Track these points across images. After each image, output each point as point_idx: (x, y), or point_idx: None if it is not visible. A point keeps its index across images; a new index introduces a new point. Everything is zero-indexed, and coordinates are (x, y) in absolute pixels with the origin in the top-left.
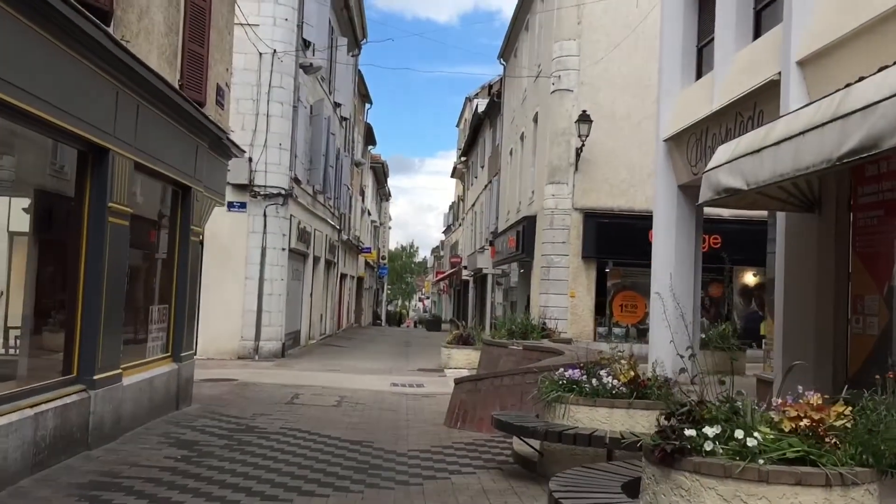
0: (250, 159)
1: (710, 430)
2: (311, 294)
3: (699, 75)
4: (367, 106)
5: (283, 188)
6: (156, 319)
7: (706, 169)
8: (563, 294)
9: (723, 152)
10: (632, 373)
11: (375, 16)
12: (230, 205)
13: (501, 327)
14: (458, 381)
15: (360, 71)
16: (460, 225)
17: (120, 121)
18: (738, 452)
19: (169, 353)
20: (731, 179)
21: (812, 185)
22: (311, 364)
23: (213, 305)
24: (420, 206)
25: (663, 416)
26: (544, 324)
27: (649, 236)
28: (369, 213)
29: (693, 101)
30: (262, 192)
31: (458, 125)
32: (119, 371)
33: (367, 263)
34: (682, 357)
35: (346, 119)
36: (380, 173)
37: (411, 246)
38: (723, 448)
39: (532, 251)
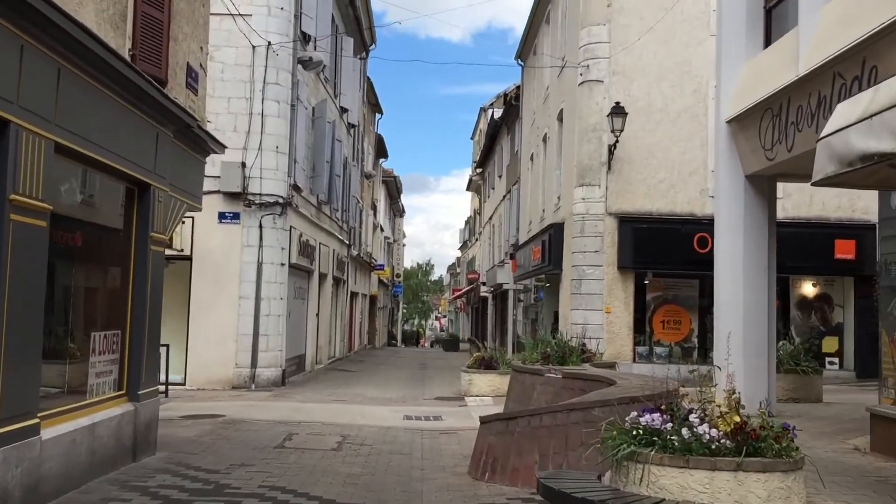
0: (243, 164)
1: None
2: (318, 314)
3: (768, 42)
4: (378, 116)
5: (281, 196)
6: (101, 349)
7: (823, 135)
8: (598, 310)
9: (849, 110)
10: (736, 418)
11: (388, 34)
12: (221, 215)
13: (533, 350)
14: (484, 420)
15: (369, 80)
16: (477, 240)
17: (27, 85)
18: None
19: (123, 391)
20: (876, 142)
21: None
22: (314, 394)
23: (203, 329)
24: (436, 224)
25: None
26: (583, 345)
27: (694, 242)
28: (382, 229)
29: (766, 70)
30: (257, 201)
31: (472, 137)
32: (35, 421)
33: (380, 281)
34: None
35: (354, 126)
36: (392, 188)
37: (427, 263)
38: None
39: (560, 262)
